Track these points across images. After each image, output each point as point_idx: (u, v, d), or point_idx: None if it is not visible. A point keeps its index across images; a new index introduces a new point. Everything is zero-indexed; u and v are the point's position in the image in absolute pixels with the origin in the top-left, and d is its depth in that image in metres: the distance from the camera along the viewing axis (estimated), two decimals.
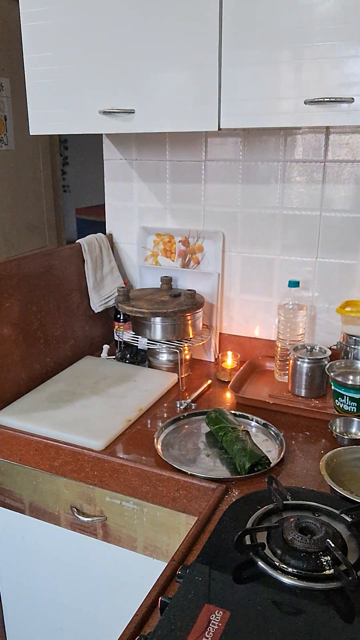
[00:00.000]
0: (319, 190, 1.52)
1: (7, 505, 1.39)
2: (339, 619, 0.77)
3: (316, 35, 1.10)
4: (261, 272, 1.65)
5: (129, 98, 1.29)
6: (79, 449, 1.24)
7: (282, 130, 1.52)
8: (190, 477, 1.12)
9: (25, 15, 1.34)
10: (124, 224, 1.83)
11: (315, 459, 1.20)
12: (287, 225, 1.59)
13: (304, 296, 1.58)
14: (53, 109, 1.38)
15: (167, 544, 1.19)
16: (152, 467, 1.16)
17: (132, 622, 0.79)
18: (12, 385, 1.43)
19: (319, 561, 0.84)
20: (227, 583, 0.83)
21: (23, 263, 1.43)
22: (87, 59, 1.31)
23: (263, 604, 0.78)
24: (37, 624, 1.50)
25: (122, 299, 1.59)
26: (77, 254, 1.66)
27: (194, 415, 1.38)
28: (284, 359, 1.55)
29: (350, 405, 1.34)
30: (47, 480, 1.30)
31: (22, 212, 3.02)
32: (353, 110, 1.10)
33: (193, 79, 1.21)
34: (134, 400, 1.43)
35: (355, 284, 1.55)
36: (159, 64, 1.24)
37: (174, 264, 1.76)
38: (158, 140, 1.69)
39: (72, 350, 1.68)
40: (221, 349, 1.74)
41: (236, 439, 1.20)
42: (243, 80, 1.17)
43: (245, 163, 1.59)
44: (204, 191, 1.67)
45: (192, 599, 0.78)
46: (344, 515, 0.94)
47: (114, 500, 1.22)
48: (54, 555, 1.38)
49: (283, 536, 0.88)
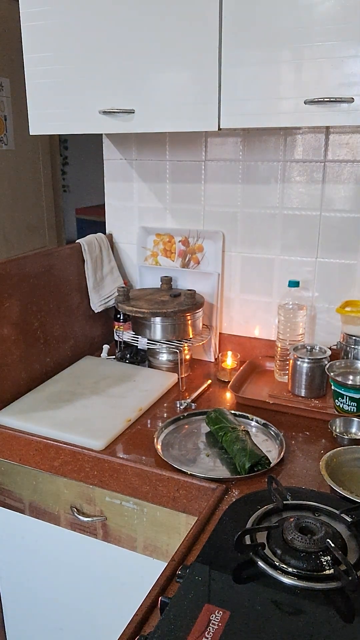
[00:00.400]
0: (319, 190, 1.52)
1: (7, 505, 1.39)
2: (339, 619, 0.77)
3: (316, 35, 1.10)
4: (261, 272, 1.65)
5: (129, 98, 1.29)
6: (79, 449, 1.24)
7: (282, 130, 1.52)
8: (190, 477, 1.12)
9: (25, 15, 1.34)
10: (124, 224, 1.83)
11: (315, 459, 1.20)
12: (287, 225, 1.59)
13: (304, 296, 1.58)
14: (53, 109, 1.38)
15: (167, 544, 1.19)
16: (152, 467, 1.16)
17: (132, 622, 0.79)
18: (12, 385, 1.43)
19: (319, 561, 0.84)
20: (227, 583, 0.82)
21: (23, 263, 1.43)
22: (87, 59, 1.31)
23: (263, 604, 0.78)
24: (37, 624, 1.50)
25: (122, 299, 1.59)
26: (77, 254, 1.66)
27: (194, 415, 1.38)
28: (284, 359, 1.55)
29: (350, 405, 1.34)
30: (47, 480, 1.30)
31: (22, 212, 3.02)
32: (353, 110, 1.10)
33: (193, 79, 1.21)
34: (134, 400, 1.43)
35: (355, 284, 1.55)
36: (159, 64, 1.24)
37: (174, 264, 1.76)
38: (158, 140, 1.69)
39: (72, 350, 1.68)
40: (221, 349, 1.74)
41: (236, 439, 1.20)
42: (243, 80, 1.17)
43: (245, 163, 1.59)
44: (204, 191, 1.67)
45: (192, 599, 0.78)
46: (344, 515, 0.94)
47: (114, 500, 1.22)
48: (54, 555, 1.38)
49: (283, 536, 0.88)
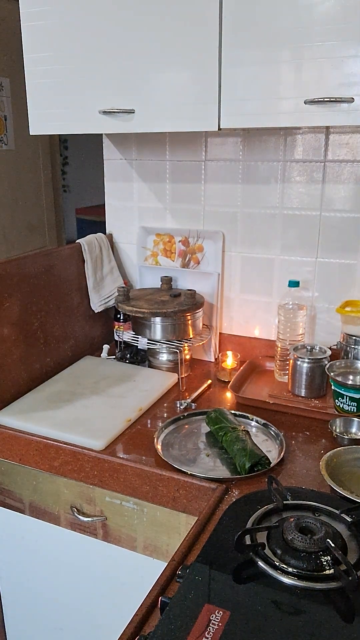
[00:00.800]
0: (319, 190, 1.52)
1: (7, 505, 1.39)
2: (339, 619, 0.77)
3: (316, 35, 1.10)
4: (261, 272, 1.65)
5: (129, 98, 1.29)
6: (79, 448, 1.24)
7: (282, 130, 1.52)
8: (190, 477, 1.12)
9: (25, 15, 1.34)
10: (124, 224, 1.83)
11: (315, 458, 1.20)
12: (287, 225, 1.59)
13: (304, 296, 1.58)
14: (53, 109, 1.38)
15: (167, 544, 1.19)
16: (152, 467, 1.16)
17: (132, 622, 0.79)
18: (12, 385, 1.43)
19: (319, 561, 0.84)
20: (227, 583, 0.82)
21: (23, 263, 1.43)
22: (87, 59, 1.31)
23: (263, 604, 0.78)
24: (37, 624, 1.50)
25: (122, 299, 1.59)
26: (77, 254, 1.66)
27: (194, 415, 1.38)
28: (284, 359, 1.55)
29: (350, 405, 1.34)
30: (47, 480, 1.30)
31: (22, 212, 3.02)
32: (353, 110, 1.10)
33: (193, 79, 1.21)
34: (134, 400, 1.43)
35: (355, 284, 1.55)
36: (159, 64, 1.24)
37: (174, 263, 1.76)
38: (158, 140, 1.69)
39: (72, 350, 1.68)
40: (221, 348, 1.74)
41: (236, 438, 1.20)
42: (243, 80, 1.17)
43: (245, 163, 1.59)
44: (204, 191, 1.67)
45: (192, 599, 0.78)
46: (344, 515, 0.94)
47: (114, 500, 1.22)
48: (54, 555, 1.38)
49: (283, 536, 0.88)
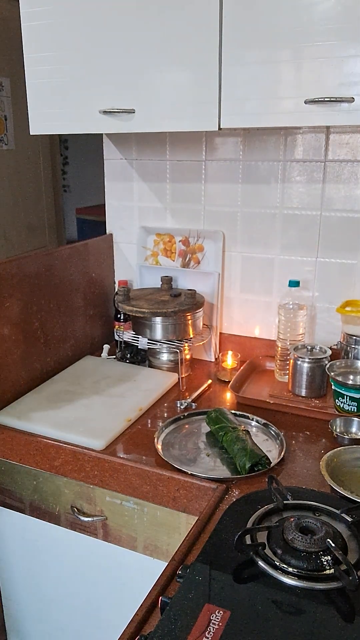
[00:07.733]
0: (319, 190, 1.52)
1: (8, 505, 1.39)
2: (340, 618, 0.77)
3: (316, 35, 1.10)
4: (261, 272, 1.65)
5: (129, 98, 1.29)
6: (79, 448, 1.24)
7: (282, 130, 1.52)
8: (191, 476, 1.12)
9: (25, 15, 1.34)
10: (124, 223, 1.83)
11: (315, 458, 1.20)
12: (287, 225, 1.59)
13: (304, 296, 1.58)
14: (53, 109, 1.38)
15: (167, 544, 1.19)
16: (152, 467, 1.16)
17: (132, 622, 0.79)
18: (12, 385, 1.43)
19: (319, 561, 0.84)
20: (227, 583, 0.83)
21: (23, 263, 1.43)
22: (87, 59, 1.31)
23: (263, 604, 0.78)
24: (38, 623, 1.50)
25: (123, 299, 1.59)
26: (77, 254, 1.66)
27: (194, 415, 1.38)
28: (284, 359, 1.55)
29: (350, 405, 1.34)
30: (47, 480, 1.30)
31: (22, 212, 3.02)
32: (353, 110, 1.10)
33: (193, 79, 1.21)
34: (134, 399, 1.43)
35: (355, 283, 1.55)
36: (159, 63, 1.24)
37: (174, 263, 1.76)
38: (158, 140, 1.69)
39: (73, 350, 1.68)
40: (221, 348, 1.74)
41: (236, 438, 1.20)
42: (243, 80, 1.17)
43: (245, 163, 1.59)
44: (204, 191, 1.67)
45: (193, 599, 0.78)
46: (345, 515, 0.94)
47: (114, 500, 1.22)
48: (54, 555, 1.38)
49: (283, 536, 0.88)
